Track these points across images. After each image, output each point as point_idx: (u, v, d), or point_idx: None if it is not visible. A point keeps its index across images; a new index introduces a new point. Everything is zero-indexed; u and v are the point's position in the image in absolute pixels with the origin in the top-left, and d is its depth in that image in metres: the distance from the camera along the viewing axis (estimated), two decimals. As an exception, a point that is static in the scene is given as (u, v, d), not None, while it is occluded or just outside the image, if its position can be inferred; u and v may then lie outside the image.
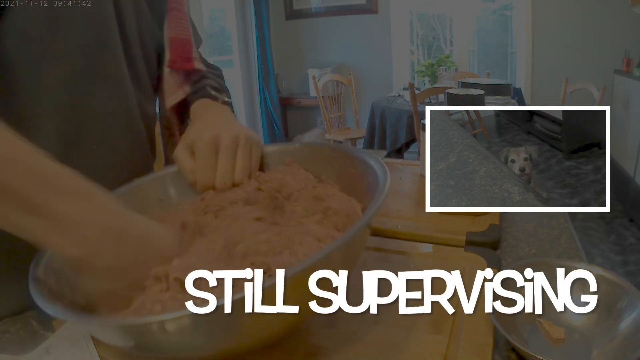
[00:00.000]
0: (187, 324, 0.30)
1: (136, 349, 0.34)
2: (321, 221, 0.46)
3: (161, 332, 0.31)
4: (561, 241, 0.61)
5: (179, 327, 0.31)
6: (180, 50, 0.63)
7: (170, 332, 0.31)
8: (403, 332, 0.42)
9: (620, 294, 0.43)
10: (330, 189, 0.52)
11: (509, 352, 0.41)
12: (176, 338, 0.31)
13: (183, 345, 0.32)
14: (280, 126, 4.32)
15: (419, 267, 0.53)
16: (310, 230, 0.43)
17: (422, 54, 4.27)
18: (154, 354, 0.34)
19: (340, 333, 0.42)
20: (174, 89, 0.64)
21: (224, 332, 0.32)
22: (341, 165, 0.53)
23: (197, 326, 0.31)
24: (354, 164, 0.51)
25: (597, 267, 0.46)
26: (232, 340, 0.34)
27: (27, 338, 0.46)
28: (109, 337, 0.34)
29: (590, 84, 2.97)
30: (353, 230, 0.37)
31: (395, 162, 0.94)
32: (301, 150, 0.58)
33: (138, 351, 0.34)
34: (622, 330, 0.40)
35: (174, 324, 0.30)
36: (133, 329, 0.32)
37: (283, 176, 0.53)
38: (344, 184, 0.52)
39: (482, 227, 0.62)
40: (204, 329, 0.31)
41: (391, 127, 3.09)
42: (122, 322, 0.32)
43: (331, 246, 0.34)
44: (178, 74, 0.64)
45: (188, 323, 0.30)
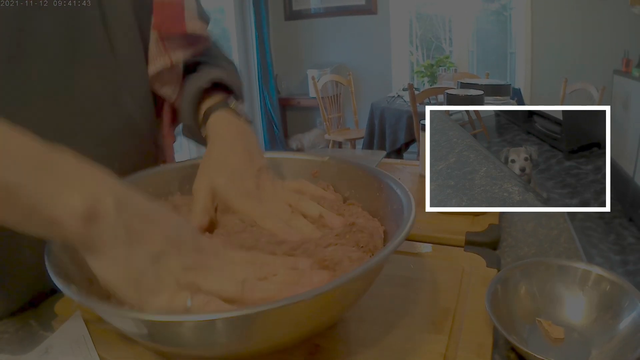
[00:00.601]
0: (211, 326, 0.31)
1: (147, 338, 0.34)
2: (343, 235, 0.44)
3: (184, 329, 0.31)
4: (560, 241, 0.61)
5: (202, 327, 0.31)
6: (168, 10, 0.54)
7: (191, 331, 0.31)
8: (403, 332, 0.42)
9: (619, 294, 0.43)
10: (355, 209, 0.51)
11: (508, 351, 0.41)
12: (194, 337, 0.31)
13: (198, 344, 0.32)
14: (279, 127, 4.32)
15: (418, 267, 0.53)
16: (327, 252, 0.42)
17: (421, 55, 4.27)
18: (165, 346, 0.35)
19: (340, 333, 0.42)
20: (155, 56, 0.55)
21: (243, 335, 0.32)
22: (366, 186, 0.52)
23: (219, 328, 0.31)
24: (380, 187, 0.50)
25: (597, 267, 0.46)
26: (250, 344, 0.34)
27: (26, 338, 0.46)
28: (127, 326, 0.34)
29: (590, 85, 2.98)
30: (381, 257, 0.35)
31: (395, 162, 0.94)
32: (328, 164, 0.57)
33: (148, 340, 0.34)
34: (622, 330, 0.40)
35: (199, 325, 0.31)
36: (155, 324, 0.32)
37: None
38: (367, 206, 0.51)
39: (482, 227, 0.62)
40: (226, 331, 0.31)
41: (390, 128, 3.09)
42: (146, 317, 0.31)
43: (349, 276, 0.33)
44: (164, 40, 0.55)
45: (212, 325, 0.30)
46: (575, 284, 0.46)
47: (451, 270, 0.52)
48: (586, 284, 0.45)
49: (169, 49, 0.55)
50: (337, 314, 0.40)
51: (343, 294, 0.35)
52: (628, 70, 3.05)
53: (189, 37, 0.56)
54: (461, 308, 0.45)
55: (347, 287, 0.34)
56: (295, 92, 4.42)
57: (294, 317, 0.33)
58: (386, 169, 0.89)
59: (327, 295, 0.31)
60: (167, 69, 0.57)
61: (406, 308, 0.45)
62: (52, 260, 0.35)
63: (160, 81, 0.58)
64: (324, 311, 0.35)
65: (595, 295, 0.44)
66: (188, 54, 0.57)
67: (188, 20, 0.54)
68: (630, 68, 3.02)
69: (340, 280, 0.32)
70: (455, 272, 0.52)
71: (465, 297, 0.47)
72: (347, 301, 0.37)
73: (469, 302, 0.46)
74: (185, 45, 0.56)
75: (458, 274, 0.51)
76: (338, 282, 0.32)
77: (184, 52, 0.57)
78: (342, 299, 0.36)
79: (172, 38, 0.55)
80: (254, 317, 0.30)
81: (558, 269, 0.47)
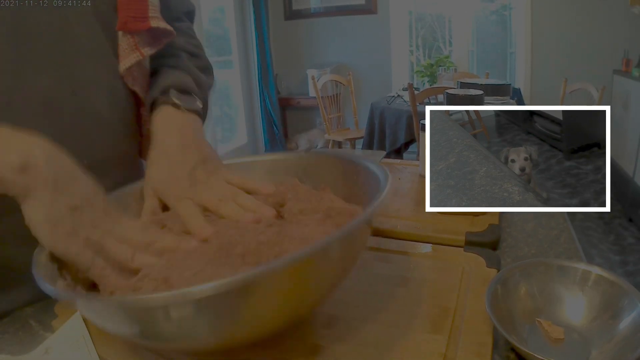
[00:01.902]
0: (190, 308, 0.31)
1: (138, 336, 0.34)
2: (324, 220, 0.45)
3: (164, 314, 0.31)
4: (560, 241, 0.61)
5: (183, 309, 0.31)
6: (132, 7, 0.54)
7: (173, 315, 0.31)
8: (402, 331, 0.42)
9: (619, 294, 0.43)
10: (329, 195, 0.52)
11: (508, 351, 0.41)
12: (178, 322, 0.32)
13: (183, 330, 0.32)
14: (279, 126, 4.33)
15: (418, 267, 0.53)
16: (312, 228, 0.43)
17: (421, 54, 4.27)
18: (154, 340, 0.35)
19: (339, 332, 0.42)
20: (127, 52, 0.56)
21: (227, 317, 0.32)
22: (344, 173, 0.53)
23: (200, 309, 0.31)
24: (357, 171, 0.51)
25: (596, 267, 0.46)
26: (235, 327, 0.34)
27: (26, 338, 0.46)
28: (111, 319, 0.34)
29: (590, 85, 2.98)
30: (354, 224, 0.36)
31: (395, 162, 0.94)
32: (305, 159, 0.58)
33: (138, 338, 0.34)
34: (622, 330, 0.40)
35: (178, 307, 0.31)
36: (136, 308, 0.32)
37: (285, 190, 0.53)
38: (346, 192, 0.52)
39: (482, 227, 0.62)
40: (208, 312, 0.31)
41: (390, 128, 3.09)
42: (125, 299, 0.33)
43: (330, 238, 0.34)
44: (134, 36, 0.56)
45: (191, 306, 0.30)
46: (575, 284, 0.46)
47: (451, 271, 0.52)
48: (586, 284, 0.45)
49: (138, 44, 0.56)
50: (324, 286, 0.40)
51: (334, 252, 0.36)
52: (628, 70, 3.05)
53: (154, 32, 0.57)
54: (461, 308, 0.45)
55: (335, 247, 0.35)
56: (295, 92, 4.42)
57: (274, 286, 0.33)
58: (386, 169, 0.89)
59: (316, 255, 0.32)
60: (137, 65, 0.57)
61: (406, 308, 0.45)
62: (38, 267, 0.37)
63: (132, 78, 0.58)
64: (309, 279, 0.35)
65: (595, 295, 0.44)
66: (154, 48, 0.58)
67: (152, 15, 0.56)
68: (630, 68, 3.03)
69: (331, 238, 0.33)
70: (455, 272, 0.52)
71: (465, 297, 0.47)
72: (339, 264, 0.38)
73: (469, 302, 0.46)
74: (150, 42, 0.58)
75: (458, 274, 0.51)
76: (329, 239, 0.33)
77: (151, 47, 0.58)
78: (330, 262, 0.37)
79: (139, 34, 0.56)
80: (233, 285, 0.30)
81: (558, 269, 0.47)
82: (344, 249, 0.38)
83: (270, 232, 0.44)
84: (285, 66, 4.41)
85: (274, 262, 0.31)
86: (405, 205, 0.71)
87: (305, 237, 0.42)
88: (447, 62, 3.69)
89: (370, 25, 4.02)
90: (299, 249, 0.41)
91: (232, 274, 0.29)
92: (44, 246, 0.38)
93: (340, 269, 0.39)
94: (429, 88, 2.68)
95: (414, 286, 0.49)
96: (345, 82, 3.76)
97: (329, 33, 4.16)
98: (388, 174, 0.45)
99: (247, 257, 0.43)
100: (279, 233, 0.43)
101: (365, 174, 0.50)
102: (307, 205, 0.50)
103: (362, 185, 0.50)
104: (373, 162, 0.50)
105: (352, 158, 0.53)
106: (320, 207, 0.48)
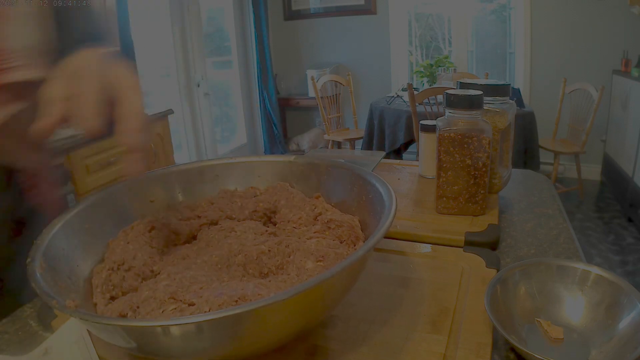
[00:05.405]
0: (192, 330, 0.30)
1: (137, 351, 0.34)
2: (323, 232, 0.45)
3: (165, 335, 0.31)
4: (560, 241, 0.61)
5: (184, 332, 0.31)
6: None
7: (174, 336, 0.31)
8: (402, 332, 0.42)
9: (618, 294, 0.43)
10: (322, 203, 0.53)
11: (507, 351, 0.41)
12: (179, 342, 0.31)
13: (185, 350, 0.32)
14: (279, 127, 4.32)
15: (418, 267, 0.53)
16: (316, 242, 0.43)
17: (420, 55, 4.27)
18: (154, 356, 0.34)
19: (340, 333, 0.42)
20: None
21: (228, 339, 0.32)
22: (336, 179, 0.54)
23: (201, 332, 0.30)
24: (352, 179, 0.52)
25: (596, 267, 0.46)
26: (237, 347, 0.34)
27: (26, 338, 0.46)
28: (111, 337, 0.34)
29: (589, 85, 2.98)
30: (363, 250, 0.35)
31: (394, 162, 0.94)
32: (295, 164, 0.58)
33: (138, 352, 0.34)
34: (621, 330, 0.40)
35: (179, 330, 0.30)
36: (136, 331, 0.31)
37: (278, 199, 0.54)
38: (339, 198, 0.53)
39: (481, 227, 0.62)
40: (208, 335, 0.31)
41: (390, 128, 3.09)
42: (128, 323, 0.32)
43: (340, 265, 0.33)
44: None
45: (193, 329, 0.30)
46: (575, 284, 0.46)
47: (450, 271, 0.52)
48: (585, 284, 0.45)
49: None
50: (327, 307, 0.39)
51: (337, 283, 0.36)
52: (627, 70, 3.05)
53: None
54: (460, 308, 0.45)
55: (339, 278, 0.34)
56: (295, 92, 4.42)
57: (283, 314, 0.33)
58: (385, 169, 0.89)
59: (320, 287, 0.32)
60: None
61: (406, 308, 0.45)
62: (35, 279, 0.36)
63: None
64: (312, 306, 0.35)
65: (594, 295, 0.44)
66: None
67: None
68: (629, 68, 3.03)
69: (336, 268, 0.32)
70: (455, 272, 0.52)
71: (465, 297, 0.47)
72: (336, 293, 0.38)
73: (469, 302, 0.46)
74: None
75: (457, 274, 0.51)
76: (334, 270, 0.32)
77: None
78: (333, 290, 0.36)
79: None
80: (242, 316, 0.30)
81: (557, 269, 0.47)
82: (351, 275, 0.38)
83: (271, 242, 0.44)
84: (285, 66, 4.41)
85: (285, 291, 0.30)
86: (405, 206, 0.71)
87: (308, 250, 0.42)
88: (447, 62, 3.68)
89: (369, 26, 4.02)
90: (302, 260, 0.41)
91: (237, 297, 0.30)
92: None
93: (345, 289, 0.39)
94: (428, 88, 2.68)
95: (413, 286, 0.49)
96: (344, 83, 3.76)
97: (329, 33, 4.16)
98: (393, 195, 0.44)
99: (248, 267, 0.43)
100: (280, 243, 0.44)
101: (362, 182, 0.50)
102: (302, 213, 0.51)
103: (358, 194, 0.51)
104: (368, 172, 0.50)
105: (348, 167, 0.54)
106: (315, 216, 0.49)
